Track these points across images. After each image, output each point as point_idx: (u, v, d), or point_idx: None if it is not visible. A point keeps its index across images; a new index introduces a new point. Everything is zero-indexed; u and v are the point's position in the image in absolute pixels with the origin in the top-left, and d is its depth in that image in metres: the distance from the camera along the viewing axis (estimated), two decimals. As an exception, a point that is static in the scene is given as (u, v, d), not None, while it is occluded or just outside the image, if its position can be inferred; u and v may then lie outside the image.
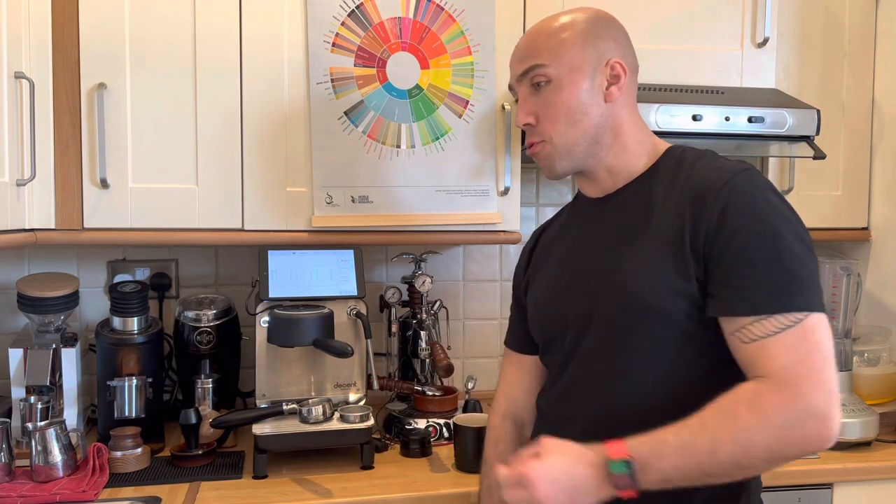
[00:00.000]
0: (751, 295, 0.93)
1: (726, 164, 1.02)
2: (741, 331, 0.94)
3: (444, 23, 1.59)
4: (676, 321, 0.99)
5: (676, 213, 1.00)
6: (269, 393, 1.55)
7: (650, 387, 1.02)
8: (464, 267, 2.02)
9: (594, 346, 1.07)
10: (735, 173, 0.99)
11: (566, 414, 1.10)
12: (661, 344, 1.01)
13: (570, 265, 1.14)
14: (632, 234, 1.05)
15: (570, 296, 1.11)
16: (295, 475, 1.42)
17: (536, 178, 2.05)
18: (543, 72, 1.07)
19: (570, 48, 1.07)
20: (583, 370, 1.09)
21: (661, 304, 0.99)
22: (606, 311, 1.05)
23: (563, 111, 1.07)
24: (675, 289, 0.98)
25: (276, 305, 1.52)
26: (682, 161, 1.07)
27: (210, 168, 1.52)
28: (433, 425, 1.61)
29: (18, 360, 1.53)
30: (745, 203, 0.97)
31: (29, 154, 1.42)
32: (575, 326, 1.10)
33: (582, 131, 1.07)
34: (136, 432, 1.46)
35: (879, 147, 1.84)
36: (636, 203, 1.08)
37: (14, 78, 1.38)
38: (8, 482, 1.34)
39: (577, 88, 1.06)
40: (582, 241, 1.15)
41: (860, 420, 1.55)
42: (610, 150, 1.10)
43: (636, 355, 1.02)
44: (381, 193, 1.59)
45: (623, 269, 1.03)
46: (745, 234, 0.95)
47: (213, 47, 1.51)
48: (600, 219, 1.13)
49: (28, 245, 1.46)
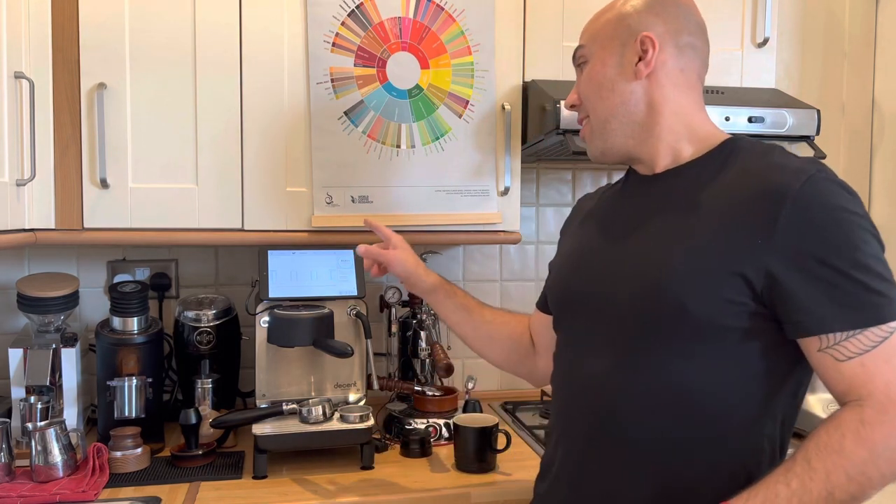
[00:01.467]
0: (842, 309, 0.86)
1: (796, 163, 0.93)
2: (833, 349, 0.87)
3: (444, 23, 1.59)
4: (710, 327, 0.92)
5: (740, 215, 0.92)
6: (269, 393, 1.55)
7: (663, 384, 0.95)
8: (464, 267, 2.02)
9: (608, 333, 1.01)
10: (809, 174, 0.90)
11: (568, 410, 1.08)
12: (689, 345, 0.94)
13: (595, 245, 1.10)
14: (676, 228, 0.97)
15: (593, 273, 1.06)
16: (295, 475, 1.42)
17: (536, 178, 2.05)
18: (582, 52, 1.09)
19: (604, 26, 1.06)
20: (591, 357, 1.03)
21: (702, 310, 0.92)
22: (629, 300, 0.98)
23: (592, 88, 1.06)
24: (724, 298, 0.91)
25: (276, 305, 1.52)
26: (744, 154, 0.99)
27: (210, 168, 1.52)
28: (433, 425, 1.61)
29: (18, 360, 1.53)
30: (828, 204, 0.88)
31: (29, 154, 1.42)
32: (590, 307, 1.04)
33: (611, 108, 1.05)
34: (136, 432, 1.46)
35: (879, 147, 1.85)
36: (683, 193, 1.00)
37: (14, 78, 1.38)
38: (8, 482, 1.34)
39: (603, 65, 1.05)
40: (612, 223, 1.10)
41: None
42: (652, 130, 1.04)
43: (657, 352, 0.96)
44: (381, 193, 1.59)
45: (661, 264, 0.95)
46: (825, 245, 0.87)
47: (213, 47, 1.51)
48: (640, 199, 1.07)
49: (28, 245, 1.46)
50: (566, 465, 1.07)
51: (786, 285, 0.88)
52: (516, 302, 2.04)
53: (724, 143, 1.02)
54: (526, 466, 1.47)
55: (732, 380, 0.93)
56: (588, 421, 1.02)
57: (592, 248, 1.10)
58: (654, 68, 1.02)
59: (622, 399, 0.98)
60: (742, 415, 0.94)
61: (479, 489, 1.36)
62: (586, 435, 1.03)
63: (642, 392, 0.97)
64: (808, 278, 0.87)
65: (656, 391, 0.96)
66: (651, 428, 0.96)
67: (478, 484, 1.38)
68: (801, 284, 0.88)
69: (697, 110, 1.05)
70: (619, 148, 1.07)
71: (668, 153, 1.05)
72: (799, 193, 0.88)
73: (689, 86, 1.05)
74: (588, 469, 1.03)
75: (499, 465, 1.47)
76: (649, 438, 0.96)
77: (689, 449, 0.95)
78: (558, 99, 1.50)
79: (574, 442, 1.05)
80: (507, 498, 1.37)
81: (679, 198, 1.00)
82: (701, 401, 0.94)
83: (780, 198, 0.89)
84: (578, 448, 1.04)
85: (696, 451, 0.95)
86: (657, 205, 1.03)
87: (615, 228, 1.08)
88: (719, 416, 0.94)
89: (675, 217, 0.99)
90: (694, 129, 1.04)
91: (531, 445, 1.59)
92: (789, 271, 0.88)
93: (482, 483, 1.39)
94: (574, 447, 1.05)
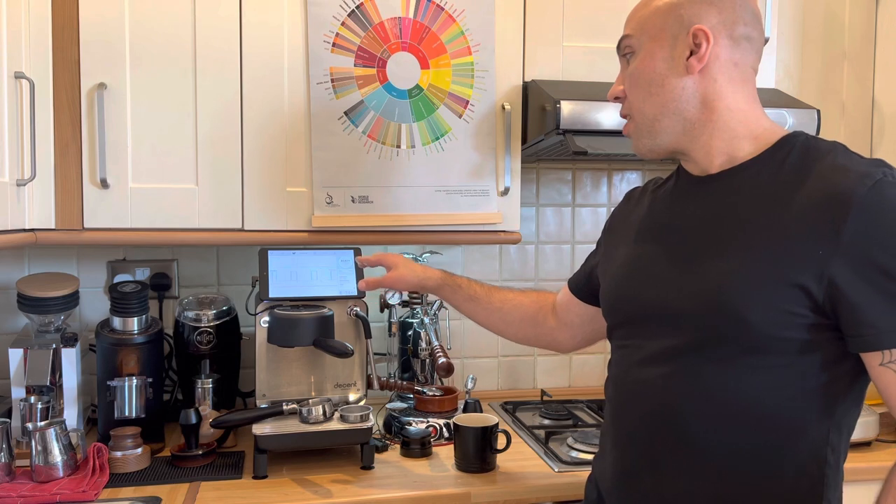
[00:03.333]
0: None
1: (860, 165, 0.88)
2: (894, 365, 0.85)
3: (444, 23, 1.59)
4: (778, 345, 0.89)
5: (798, 221, 0.88)
6: (269, 393, 1.55)
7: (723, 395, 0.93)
8: (464, 267, 2.02)
9: (662, 351, 0.98)
10: (876, 178, 0.85)
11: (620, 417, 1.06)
12: (753, 364, 0.91)
13: (654, 250, 1.04)
14: (734, 236, 0.93)
15: (651, 284, 1.01)
16: (295, 475, 1.42)
17: (536, 178, 2.05)
18: (628, 42, 1.02)
19: (653, 16, 0.99)
20: (650, 365, 1.00)
21: (764, 323, 0.89)
22: (690, 312, 0.95)
23: (640, 82, 1.00)
24: (786, 310, 0.88)
25: (276, 305, 1.52)
26: (804, 154, 0.94)
27: (210, 168, 1.52)
28: (433, 425, 1.61)
29: (18, 360, 1.53)
30: (888, 217, 0.84)
31: (29, 154, 1.42)
32: (649, 318, 1.01)
33: (660, 105, 0.98)
34: (136, 432, 1.46)
35: (879, 147, 1.84)
36: (740, 197, 0.96)
37: (14, 78, 1.38)
38: (8, 482, 1.34)
39: (652, 59, 0.98)
40: (673, 226, 1.04)
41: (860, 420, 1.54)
42: (705, 128, 0.98)
43: (717, 363, 0.93)
44: (381, 193, 1.59)
45: (722, 273, 0.92)
46: (889, 255, 0.83)
47: (213, 47, 1.51)
48: (695, 203, 1.02)
49: (28, 245, 1.46)
50: (623, 467, 1.04)
51: (849, 297, 0.85)
52: (516, 302, 2.04)
53: (782, 141, 0.97)
54: (526, 466, 1.47)
55: (794, 392, 0.91)
56: (647, 425, 1.00)
57: (650, 257, 1.04)
58: (707, 62, 0.96)
59: (683, 404, 0.96)
60: (803, 425, 0.92)
61: (479, 489, 1.36)
62: (644, 439, 1.01)
63: (702, 400, 0.94)
64: (873, 290, 0.84)
65: (717, 399, 0.93)
66: (711, 434, 0.94)
67: (478, 484, 1.38)
68: (865, 297, 0.84)
69: (753, 106, 1.00)
70: (668, 146, 1.02)
71: (724, 151, 0.99)
72: (864, 200, 0.84)
73: (743, 80, 0.99)
74: (645, 472, 1.00)
75: (499, 465, 1.47)
76: (709, 445, 0.95)
77: (749, 457, 0.93)
78: (558, 99, 1.50)
79: (631, 445, 1.03)
80: (507, 498, 1.37)
81: (736, 203, 0.96)
82: (761, 411, 0.92)
83: (844, 205, 0.84)
84: (636, 451, 1.02)
85: (756, 460, 0.93)
86: (714, 210, 0.98)
87: (671, 236, 1.03)
88: (780, 427, 0.92)
89: (732, 224, 0.95)
90: (750, 125, 0.99)
91: (531, 445, 1.59)
92: (853, 282, 0.84)
93: (482, 483, 1.39)
94: (631, 450, 1.03)
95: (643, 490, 1.01)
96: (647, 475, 1.00)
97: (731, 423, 0.93)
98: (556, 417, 1.77)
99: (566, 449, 1.54)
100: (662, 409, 0.98)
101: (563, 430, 1.65)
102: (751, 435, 0.93)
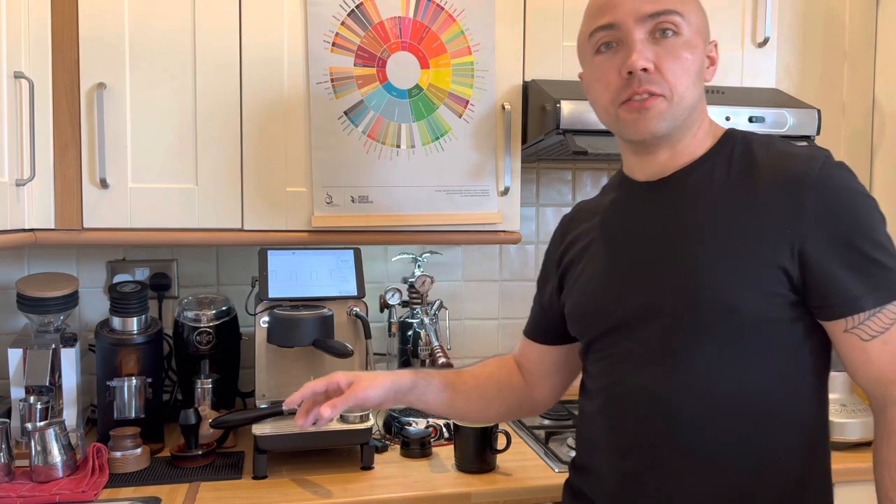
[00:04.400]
0: (868, 288, 0.89)
1: (803, 150, 0.96)
2: (859, 328, 0.90)
3: (444, 23, 1.59)
4: (766, 327, 0.93)
5: (763, 206, 0.93)
6: (269, 393, 1.55)
7: (722, 387, 0.95)
8: (464, 267, 2.02)
9: (657, 348, 0.99)
10: (821, 160, 0.93)
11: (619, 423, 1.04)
12: (747, 349, 0.94)
13: (624, 257, 1.05)
14: (704, 230, 0.97)
15: (630, 289, 1.02)
16: (295, 475, 1.42)
17: (536, 178, 2.05)
18: (676, 20, 0.96)
19: (697, 10, 1.00)
20: (636, 374, 1.01)
21: (750, 307, 0.92)
22: (676, 308, 0.96)
23: (693, 69, 0.97)
24: (768, 291, 0.92)
25: (276, 305, 1.52)
26: (747, 146, 0.99)
27: (210, 168, 1.52)
28: (433, 425, 1.61)
29: (18, 360, 1.52)
30: (845, 188, 0.91)
31: (28, 154, 1.42)
32: (634, 323, 1.01)
33: (697, 97, 1.00)
34: (136, 432, 1.46)
35: (879, 147, 1.84)
36: (702, 190, 0.99)
37: (14, 78, 1.37)
38: (7, 482, 1.34)
39: (700, 53, 0.99)
40: (639, 231, 1.04)
41: (860, 420, 1.55)
42: (695, 125, 1.02)
43: (711, 355, 0.95)
44: (381, 193, 1.58)
45: (703, 266, 0.95)
46: (850, 228, 0.90)
47: (212, 47, 1.51)
48: (656, 206, 1.03)
49: (28, 245, 1.46)
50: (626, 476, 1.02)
51: (817, 270, 0.90)
52: (516, 302, 2.04)
53: (726, 136, 1.03)
54: (526, 467, 1.47)
55: (788, 375, 0.94)
56: (647, 429, 0.99)
57: (623, 266, 1.04)
58: None
59: (682, 402, 0.96)
60: (799, 403, 0.95)
61: (479, 489, 1.36)
62: (646, 443, 1.00)
63: (701, 394, 0.95)
64: (838, 262, 0.89)
65: (716, 392, 0.95)
66: (713, 428, 0.95)
67: (478, 484, 1.38)
68: (831, 269, 0.90)
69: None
70: (675, 134, 1.01)
71: (689, 149, 1.03)
72: (818, 181, 0.91)
73: None
74: (649, 476, 1.00)
75: (499, 465, 1.46)
76: (712, 439, 0.95)
77: (751, 445, 0.95)
78: (558, 99, 1.50)
79: (633, 452, 1.01)
80: (507, 498, 1.36)
81: (698, 198, 0.99)
82: (759, 398, 0.94)
83: (800, 186, 0.91)
84: (639, 457, 1.01)
85: (759, 447, 0.95)
86: (677, 208, 1.00)
87: (640, 241, 1.03)
88: (778, 410, 0.94)
89: (700, 218, 0.97)
90: (712, 126, 1.05)
91: (531, 446, 1.59)
92: (821, 256, 0.90)
93: (482, 483, 1.39)
94: (633, 457, 1.01)
95: (648, 493, 1.00)
96: (652, 479, 0.99)
97: (731, 413, 0.94)
98: (556, 417, 1.77)
99: (566, 449, 1.54)
100: (662, 411, 0.98)
101: (563, 430, 1.64)
102: (752, 423, 0.94)
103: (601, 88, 1.01)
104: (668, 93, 0.97)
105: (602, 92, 1.01)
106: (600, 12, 1.00)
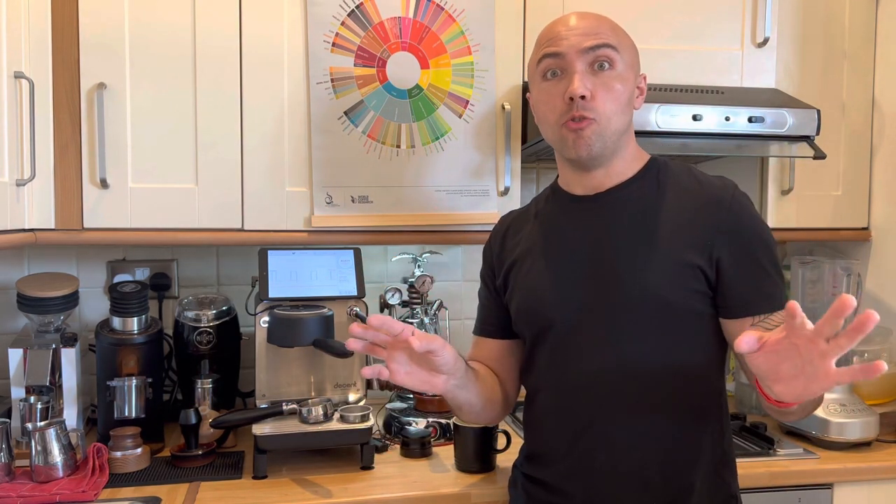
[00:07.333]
0: (765, 296, 1.10)
1: (715, 179, 1.17)
2: (762, 325, 1.07)
3: (444, 23, 1.59)
4: (690, 316, 1.12)
5: (689, 221, 1.12)
6: (269, 393, 1.55)
7: (661, 371, 1.12)
8: (464, 267, 2.02)
9: (605, 335, 1.13)
10: (731, 188, 1.14)
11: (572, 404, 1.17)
12: (676, 334, 1.12)
13: (569, 258, 1.18)
14: (643, 233, 1.13)
15: (575, 287, 1.16)
16: (295, 475, 1.42)
17: (536, 179, 2.05)
18: (611, 54, 1.12)
19: (630, 47, 1.16)
20: (588, 359, 1.15)
21: (679, 300, 1.10)
22: (620, 302, 1.12)
23: (621, 99, 1.12)
24: (692, 288, 1.11)
25: (276, 305, 1.52)
26: (667, 172, 1.18)
27: (210, 168, 1.52)
28: (433, 425, 1.61)
29: (18, 360, 1.53)
30: (751, 213, 1.13)
31: (29, 154, 1.42)
32: (580, 317, 1.15)
33: (624, 123, 1.14)
34: (136, 432, 1.46)
35: (879, 147, 1.84)
36: (636, 204, 1.16)
37: (14, 78, 1.38)
38: (8, 482, 1.34)
39: (631, 84, 1.15)
40: (581, 236, 1.18)
41: (860, 420, 1.55)
42: (625, 149, 1.18)
43: (651, 344, 1.12)
44: (381, 193, 1.59)
45: (641, 266, 1.11)
46: (756, 241, 1.11)
47: (213, 47, 1.51)
48: (596, 215, 1.18)
49: (28, 245, 1.46)
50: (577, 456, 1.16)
51: (729, 275, 1.10)
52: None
53: (651, 162, 1.20)
54: (526, 466, 1.47)
55: (707, 352, 1.14)
56: (597, 412, 1.14)
57: (567, 268, 1.17)
58: None
59: (630, 381, 1.12)
60: (711, 375, 1.16)
61: (479, 489, 1.36)
62: (597, 423, 1.14)
63: (644, 373, 1.12)
64: (746, 271, 1.10)
65: (657, 371, 1.11)
66: (654, 401, 1.12)
67: (478, 484, 1.38)
68: (740, 275, 1.10)
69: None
70: (605, 154, 1.15)
71: (620, 171, 1.18)
72: (732, 205, 1.12)
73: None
74: (598, 453, 1.14)
75: (499, 465, 1.47)
76: (653, 411, 1.12)
77: (684, 408, 1.13)
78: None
79: (584, 433, 1.15)
80: (507, 498, 1.36)
81: (634, 210, 1.15)
82: (688, 371, 1.12)
83: (717, 208, 1.12)
84: (589, 438, 1.15)
85: (689, 409, 1.13)
86: (615, 219, 1.16)
87: (583, 245, 1.17)
88: (701, 380, 1.14)
89: (636, 227, 1.14)
90: (639, 151, 1.21)
91: (531, 445, 1.59)
92: (732, 264, 1.10)
93: (482, 483, 1.39)
94: (584, 438, 1.15)
95: (596, 467, 1.14)
96: (601, 453, 1.14)
97: (664, 383, 1.11)
98: (556, 417, 1.77)
99: (566, 449, 1.54)
100: (611, 390, 1.13)
101: (563, 430, 1.64)
102: (681, 391, 1.12)
103: (548, 110, 1.15)
104: (600, 118, 1.11)
105: (548, 113, 1.15)
106: (549, 43, 1.15)
